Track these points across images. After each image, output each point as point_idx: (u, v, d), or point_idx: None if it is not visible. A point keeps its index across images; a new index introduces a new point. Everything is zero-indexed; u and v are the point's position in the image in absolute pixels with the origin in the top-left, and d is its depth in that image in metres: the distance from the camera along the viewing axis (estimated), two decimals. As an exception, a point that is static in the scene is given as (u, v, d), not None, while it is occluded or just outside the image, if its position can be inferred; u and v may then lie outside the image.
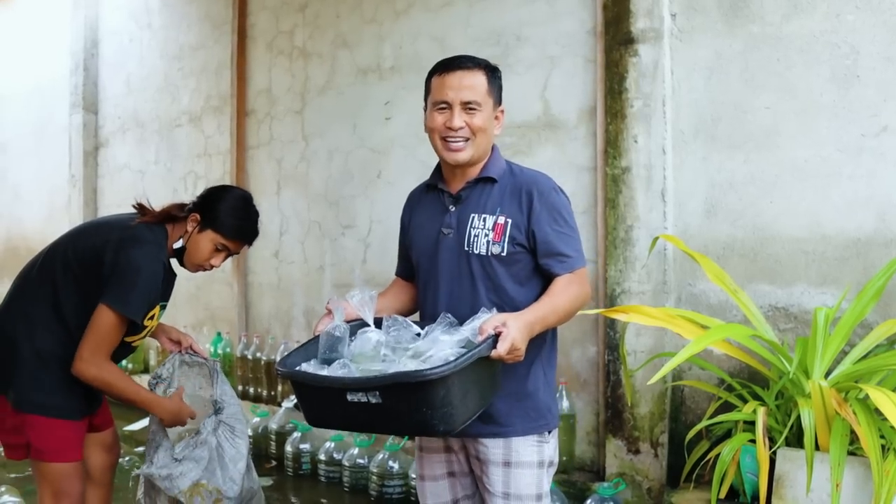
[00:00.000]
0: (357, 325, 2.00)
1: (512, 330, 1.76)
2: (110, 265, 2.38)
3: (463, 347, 1.81)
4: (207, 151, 5.56)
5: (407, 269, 2.27)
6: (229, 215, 2.52)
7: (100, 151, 6.71)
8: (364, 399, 1.69)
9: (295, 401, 4.39)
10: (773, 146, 2.99)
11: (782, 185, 2.97)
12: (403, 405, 1.69)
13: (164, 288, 2.53)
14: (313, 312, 4.81)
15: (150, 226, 2.50)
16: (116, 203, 6.44)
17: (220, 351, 5.11)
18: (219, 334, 5.18)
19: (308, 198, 4.84)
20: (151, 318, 2.51)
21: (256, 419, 4.51)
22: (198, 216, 2.52)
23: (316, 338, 1.97)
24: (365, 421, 1.79)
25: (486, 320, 1.81)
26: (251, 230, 2.60)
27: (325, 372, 1.84)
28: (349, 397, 1.71)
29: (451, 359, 1.72)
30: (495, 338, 1.76)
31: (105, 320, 2.35)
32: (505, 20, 3.79)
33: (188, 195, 5.62)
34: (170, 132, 5.93)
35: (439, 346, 1.80)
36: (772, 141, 2.99)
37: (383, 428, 1.85)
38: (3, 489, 3.56)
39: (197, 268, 2.59)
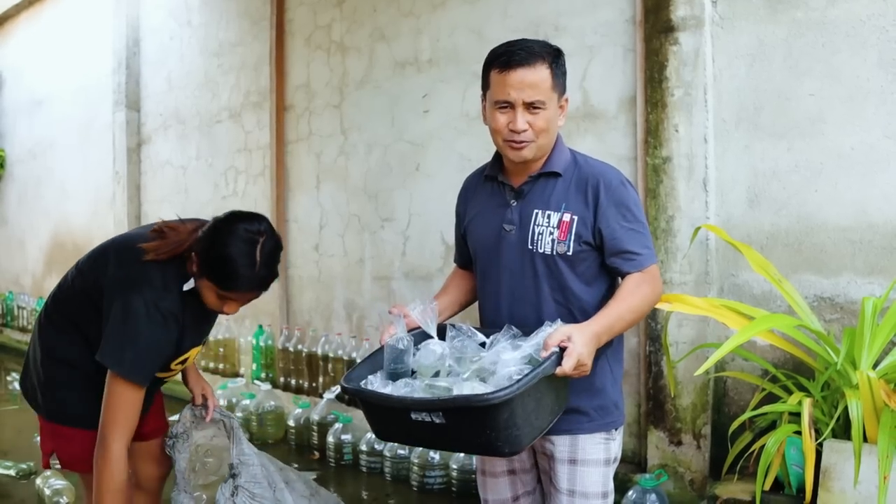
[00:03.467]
0: (420, 334, 1.95)
1: (578, 345, 1.69)
2: (106, 315, 2.10)
3: (527, 364, 1.74)
4: (247, 146, 5.63)
5: (465, 257, 2.19)
6: (224, 266, 2.04)
7: (142, 148, 6.84)
8: (428, 419, 1.65)
9: (335, 392, 4.44)
10: (818, 133, 2.93)
11: (827, 174, 2.92)
12: (467, 427, 1.64)
13: (190, 331, 2.22)
14: (353, 305, 4.85)
15: (160, 264, 2.13)
16: (159, 199, 6.56)
17: (262, 343, 5.18)
18: (260, 327, 5.25)
19: (347, 191, 4.88)
20: (182, 361, 2.27)
21: (298, 410, 4.57)
22: (196, 258, 2.10)
23: (381, 349, 1.92)
24: (429, 438, 1.76)
25: (551, 334, 1.72)
26: (251, 282, 2.08)
27: (389, 388, 1.80)
28: (413, 416, 1.67)
29: (515, 378, 1.65)
30: (560, 353, 1.69)
31: (113, 391, 2.09)
32: (543, 10, 3.77)
33: (229, 190, 5.72)
34: (210, 128, 6.02)
35: (503, 364, 1.75)
36: (816, 128, 2.94)
37: (448, 446, 1.82)
38: (48, 473, 3.69)
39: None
